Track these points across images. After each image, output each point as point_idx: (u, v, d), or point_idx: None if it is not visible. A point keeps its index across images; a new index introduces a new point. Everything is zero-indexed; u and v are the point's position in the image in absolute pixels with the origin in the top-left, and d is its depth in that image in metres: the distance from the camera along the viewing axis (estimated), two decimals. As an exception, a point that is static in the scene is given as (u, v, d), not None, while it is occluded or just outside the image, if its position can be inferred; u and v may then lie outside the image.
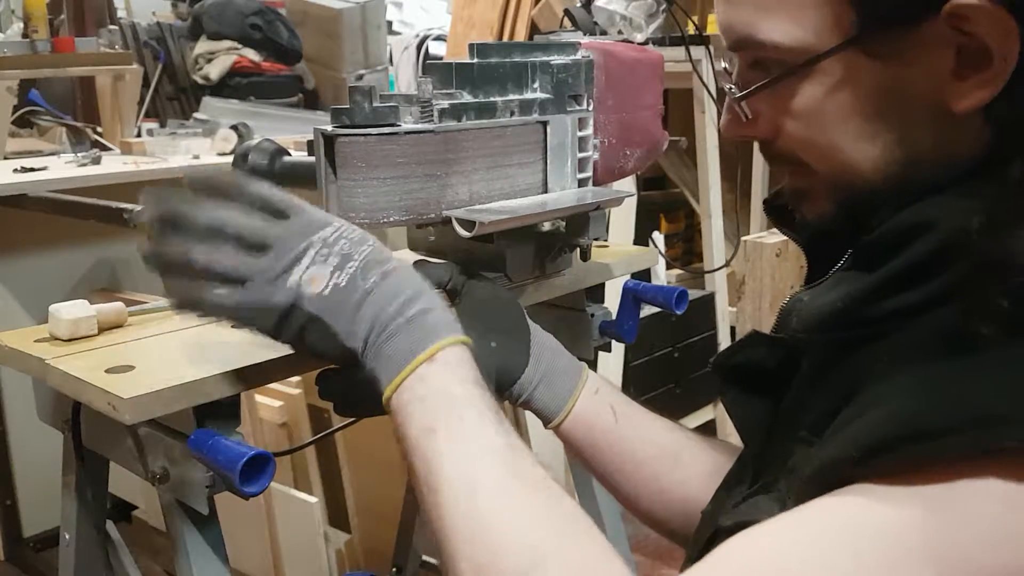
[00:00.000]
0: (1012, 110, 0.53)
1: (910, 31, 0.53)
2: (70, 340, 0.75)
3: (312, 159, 0.77)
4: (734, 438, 0.73)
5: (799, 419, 0.58)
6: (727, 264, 2.43)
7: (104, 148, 2.39)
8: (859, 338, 0.55)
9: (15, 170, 1.99)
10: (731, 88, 0.62)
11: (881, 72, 0.54)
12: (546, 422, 0.81)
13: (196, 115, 2.75)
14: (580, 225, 0.89)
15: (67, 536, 0.84)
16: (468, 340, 0.61)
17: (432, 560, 1.36)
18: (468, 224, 0.76)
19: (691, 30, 2.27)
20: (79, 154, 2.16)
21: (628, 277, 1.06)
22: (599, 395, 0.82)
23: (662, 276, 2.63)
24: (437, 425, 0.56)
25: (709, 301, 2.45)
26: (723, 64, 0.64)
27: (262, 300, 0.60)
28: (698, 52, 2.24)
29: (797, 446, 0.57)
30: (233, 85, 3.50)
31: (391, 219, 0.76)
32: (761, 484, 0.60)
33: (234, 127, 2.32)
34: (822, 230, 0.63)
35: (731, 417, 0.68)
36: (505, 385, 0.78)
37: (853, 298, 0.56)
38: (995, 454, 0.42)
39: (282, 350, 0.72)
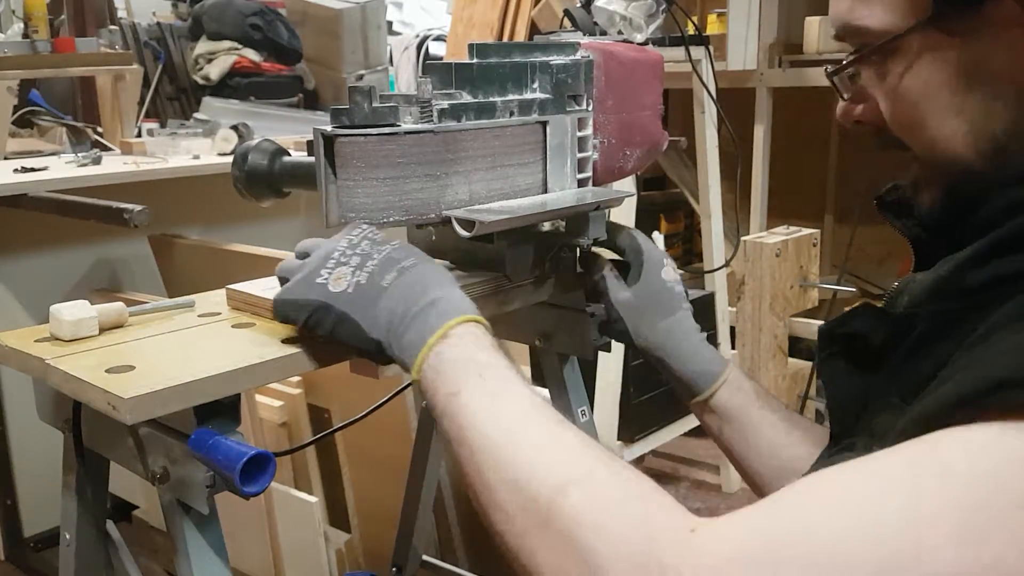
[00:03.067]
0: None
1: (980, 10, 0.57)
2: (71, 340, 0.75)
3: (312, 159, 0.77)
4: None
5: (892, 388, 0.59)
6: (727, 264, 2.43)
7: (104, 148, 2.39)
8: (963, 309, 0.56)
9: (15, 170, 1.99)
10: (829, 68, 0.67)
11: (959, 49, 0.58)
12: (694, 393, 0.86)
13: (196, 115, 2.74)
14: (580, 225, 0.89)
15: (67, 536, 0.84)
16: (481, 319, 0.65)
17: (432, 560, 1.36)
18: (468, 224, 0.76)
19: (691, 30, 2.27)
20: (79, 154, 2.16)
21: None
22: (742, 391, 0.86)
23: (662, 276, 2.62)
24: (459, 387, 0.59)
25: (709, 301, 2.44)
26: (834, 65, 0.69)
27: (296, 297, 0.69)
28: (698, 52, 2.24)
29: (886, 412, 0.58)
30: (233, 85, 3.49)
31: (391, 219, 0.77)
32: (844, 444, 0.62)
33: (234, 127, 2.32)
34: (937, 221, 0.65)
35: (825, 385, 0.69)
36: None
37: (957, 266, 0.59)
38: None
39: (282, 350, 0.72)
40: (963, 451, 0.43)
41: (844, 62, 0.66)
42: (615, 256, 0.92)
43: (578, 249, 0.93)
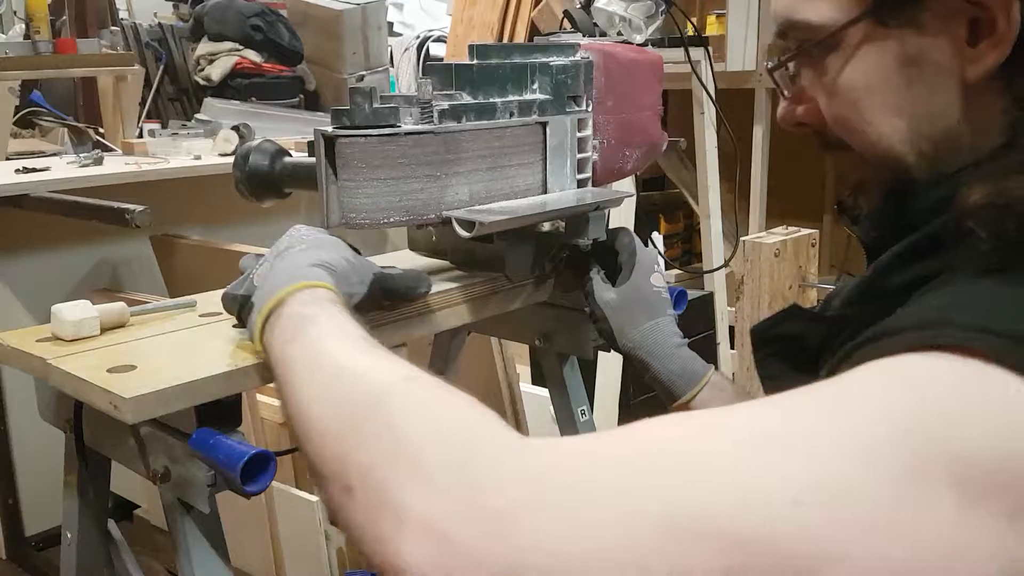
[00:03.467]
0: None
1: (921, 2, 0.55)
2: (73, 340, 0.75)
3: (313, 160, 0.78)
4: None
5: None
6: (726, 264, 2.43)
7: (106, 149, 2.39)
8: (884, 311, 0.55)
9: (17, 170, 1.99)
10: (768, 64, 0.66)
11: (899, 43, 0.57)
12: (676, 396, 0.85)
13: (197, 116, 2.75)
14: (580, 225, 0.89)
15: (69, 535, 0.84)
16: (321, 283, 0.65)
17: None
18: (468, 224, 0.76)
19: (690, 31, 2.27)
20: (81, 155, 2.17)
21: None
22: (724, 391, 0.85)
23: (662, 276, 2.63)
24: (296, 336, 0.59)
25: (708, 301, 2.45)
26: (776, 59, 0.67)
27: (231, 291, 0.72)
28: (697, 53, 2.24)
29: None
30: (234, 86, 3.49)
31: (391, 219, 0.77)
32: None
33: (235, 128, 2.32)
34: (875, 222, 0.65)
35: (764, 386, 0.68)
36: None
37: (877, 270, 0.59)
38: (941, 349, 0.42)
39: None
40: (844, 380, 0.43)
41: (783, 58, 0.65)
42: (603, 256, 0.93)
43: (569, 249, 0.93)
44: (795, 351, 0.64)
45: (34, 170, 2.01)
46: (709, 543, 0.37)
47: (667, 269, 2.76)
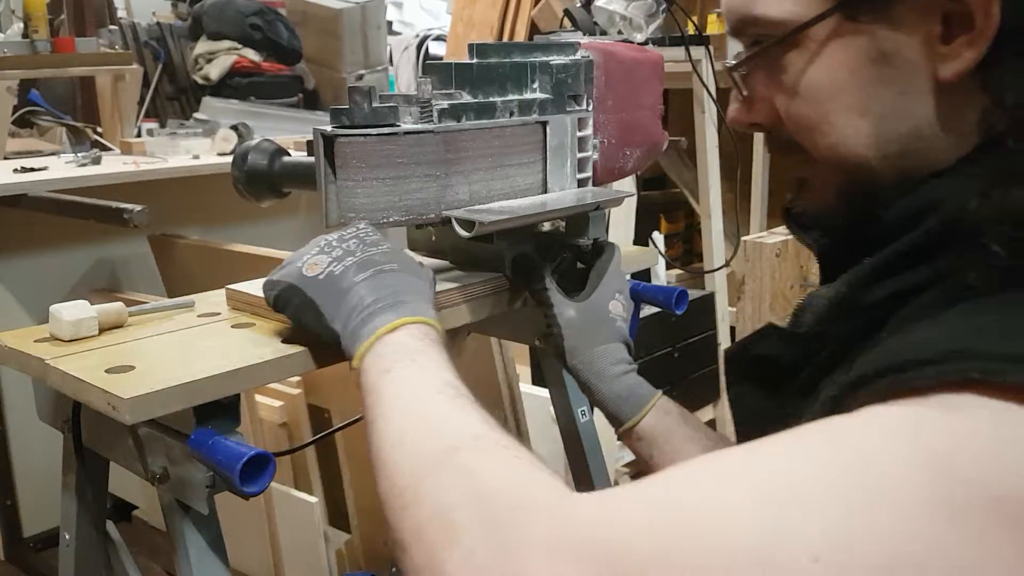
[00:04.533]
0: (1004, 79, 0.51)
1: None
2: (71, 340, 0.75)
3: (312, 159, 0.77)
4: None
5: (802, 409, 0.56)
6: (727, 264, 2.43)
7: (104, 148, 2.39)
8: (865, 326, 0.53)
9: (15, 170, 1.99)
10: (727, 65, 0.63)
11: (868, 40, 0.54)
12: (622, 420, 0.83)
13: (196, 115, 2.75)
14: (580, 225, 0.89)
15: (67, 536, 0.84)
16: (435, 323, 0.65)
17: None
18: (468, 224, 0.76)
19: (691, 30, 2.27)
20: (79, 154, 2.16)
21: (628, 277, 1.06)
22: (642, 442, 0.83)
23: (662, 276, 2.63)
24: (392, 367, 0.59)
25: (709, 301, 2.44)
26: (731, 59, 0.64)
27: (274, 277, 0.71)
28: (698, 52, 2.24)
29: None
30: (233, 85, 3.49)
31: (391, 219, 0.77)
32: None
33: (234, 127, 2.32)
34: (826, 225, 0.62)
35: (734, 411, 0.66)
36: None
37: (852, 284, 0.56)
38: (970, 384, 0.39)
39: (282, 350, 0.72)
40: (843, 430, 0.41)
41: (745, 56, 0.60)
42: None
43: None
44: (767, 372, 0.62)
45: (32, 170, 2.01)
46: None
47: (668, 269, 2.76)
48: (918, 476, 0.36)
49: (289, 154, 0.87)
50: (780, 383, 0.61)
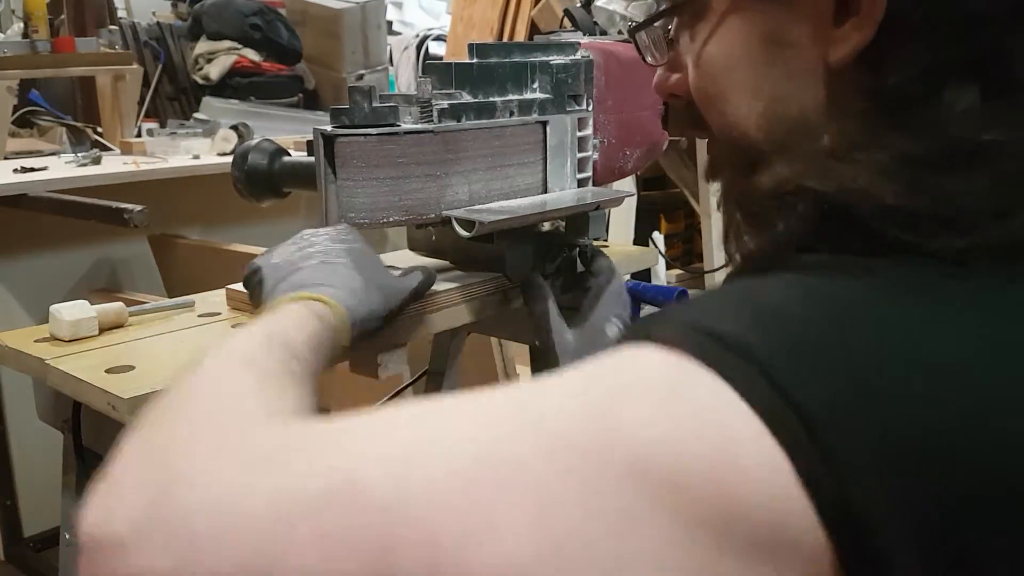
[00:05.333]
0: (889, 66, 0.49)
1: None
2: (71, 340, 0.75)
3: (312, 159, 0.77)
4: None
5: None
6: (727, 264, 2.43)
7: (104, 148, 2.39)
8: None
9: (15, 170, 1.99)
10: (631, 24, 0.63)
11: (762, 17, 0.53)
12: None
13: (196, 115, 2.75)
14: (580, 225, 0.89)
15: (67, 536, 0.84)
16: (327, 299, 0.65)
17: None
18: (468, 224, 0.76)
19: (691, 30, 2.27)
20: (79, 154, 2.16)
21: (628, 277, 1.06)
22: None
23: (662, 276, 2.63)
24: (250, 326, 0.58)
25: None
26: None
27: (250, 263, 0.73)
28: (698, 52, 2.24)
29: None
30: (233, 85, 3.49)
31: (391, 219, 0.77)
32: None
33: (234, 127, 2.32)
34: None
35: None
36: None
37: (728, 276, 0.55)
38: (658, 342, 0.38)
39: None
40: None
41: (645, 17, 0.60)
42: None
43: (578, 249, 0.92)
44: None
45: (32, 169, 2.01)
46: (358, 514, 0.33)
47: (668, 269, 2.76)
48: (570, 407, 0.36)
49: (289, 154, 0.87)
50: None
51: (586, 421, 0.35)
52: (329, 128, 0.75)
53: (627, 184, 2.02)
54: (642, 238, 2.37)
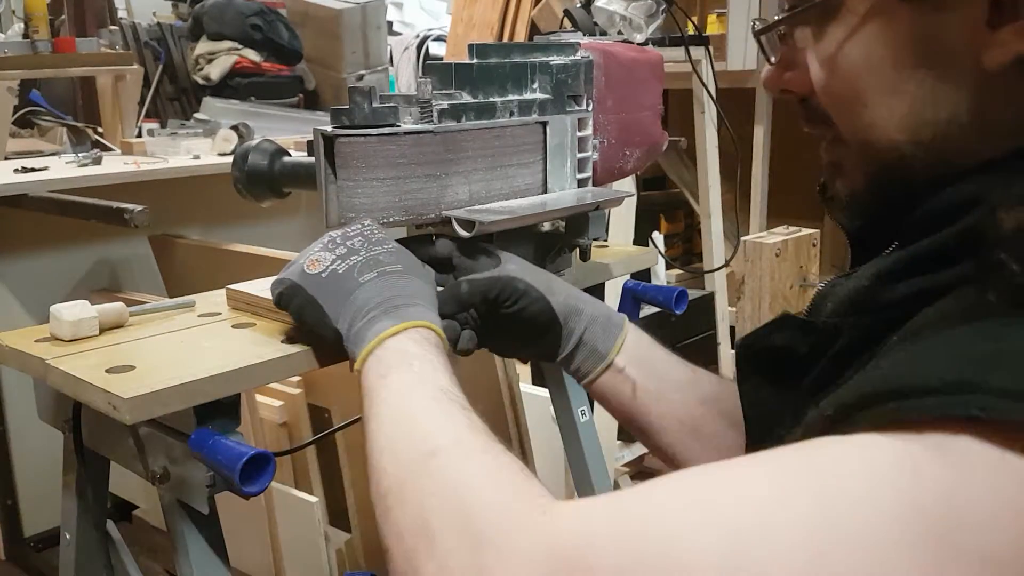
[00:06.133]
0: None
1: None
2: (71, 340, 0.75)
3: (312, 159, 0.77)
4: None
5: (812, 401, 0.52)
6: (727, 264, 2.43)
7: (105, 148, 2.39)
8: (885, 322, 0.51)
9: (16, 170, 1.99)
10: (757, 24, 0.61)
11: (910, 16, 0.51)
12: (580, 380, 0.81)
13: (197, 115, 2.75)
14: (580, 225, 0.89)
15: (67, 536, 0.84)
16: (437, 327, 0.65)
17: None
18: (468, 224, 0.76)
19: (691, 30, 2.27)
20: (80, 154, 2.17)
21: (628, 277, 1.06)
22: (624, 372, 0.79)
23: (662, 276, 2.63)
24: (390, 372, 0.59)
25: (709, 301, 2.45)
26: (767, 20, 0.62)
27: (280, 275, 0.71)
28: (697, 52, 2.24)
29: (800, 423, 0.51)
30: (233, 85, 3.49)
31: (391, 219, 0.77)
32: None
33: (235, 127, 2.32)
34: (857, 209, 0.60)
35: (744, 404, 0.64)
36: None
37: (875, 277, 0.54)
38: (970, 421, 0.37)
39: (282, 350, 0.72)
40: (827, 463, 0.39)
41: (774, 19, 0.59)
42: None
43: (578, 249, 0.92)
44: (780, 363, 0.59)
45: (33, 170, 2.01)
46: None
47: (668, 269, 2.76)
48: (897, 527, 0.35)
49: (289, 154, 0.87)
50: (791, 376, 0.59)
51: (928, 529, 0.35)
52: (329, 128, 0.75)
53: (627, 184, 2.02)
54: (642, 238, 2.37)
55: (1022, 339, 0.40)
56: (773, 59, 0.61)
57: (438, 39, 4.42)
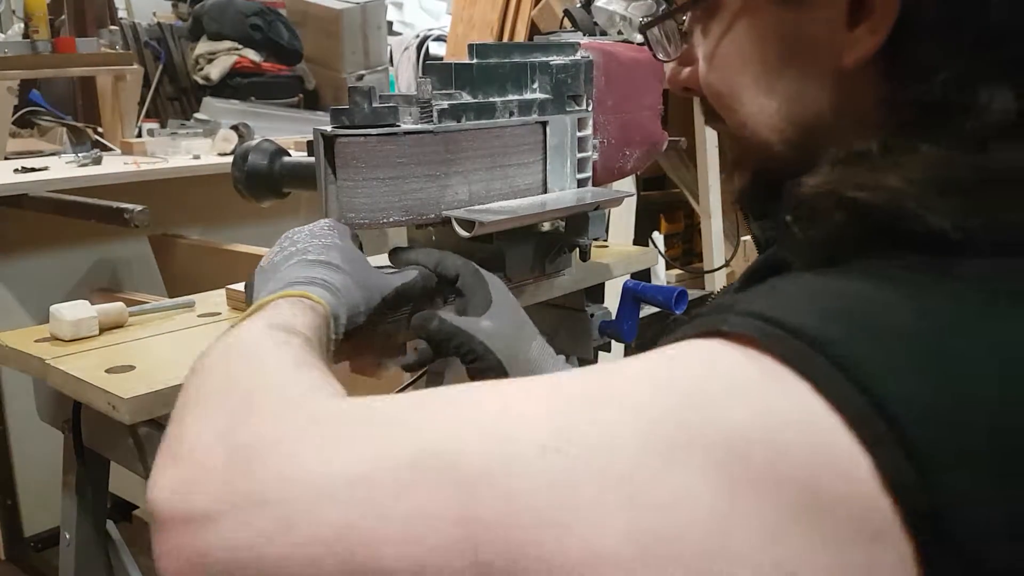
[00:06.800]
0: (903, 70, 0.49)
1: None
2: (71, 340, 0.75)
3: (312, 159, 0.77)
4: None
5: None
6: (727, 264, 2.43)
7: (105, 148, 2.39)
8: None
9: (16, 170, 1.99)
10: (643, 20, 0.63)
11: (776, 14, 0.52)
12: None
13: (197, 115, 2.75)
14: (580, 225, 0.89)
15: (67, 536, 0.84)
16: (314, 297, 0.64)
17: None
18: (468, 224, 0.76)
19: (691, 30, 2.26)
20: (80, 154, 2.17)
21: (628, 277, 1.06)
22: None
23: (662, 276, 2.63)
24: (232, 330, 0.59)
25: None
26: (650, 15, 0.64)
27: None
28: (698, 52, 2.24)
29: None
30: (233, 85, 3.50)
31: (391, 219, 0.77)
32: None
33: (235, 127, 2.32)
34: (747, 206, 0.61)
35: None
36: None
37: (758, 257, 0.56)
38: (722, 335, 0.39)
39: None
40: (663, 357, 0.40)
41: (658, 14, 0.60)
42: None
43: (578, 249, 0.92)
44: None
45: (33, 170, 2.01)
46: (446, 487, 0.34)
47: (668, 269, 2.76)
48: (650, 401, 0.36)
49: (289, 154, 0.87)
50: None
51: (683, 411, 0.36)
52: (329, 128, 0.75)
53: (627, 184, 2.02)
54: (642, 238, 2.37)
55: (788, 283, 0.43)
56: (660, 55, 0.63)
57: (438, 39, 4.42)
